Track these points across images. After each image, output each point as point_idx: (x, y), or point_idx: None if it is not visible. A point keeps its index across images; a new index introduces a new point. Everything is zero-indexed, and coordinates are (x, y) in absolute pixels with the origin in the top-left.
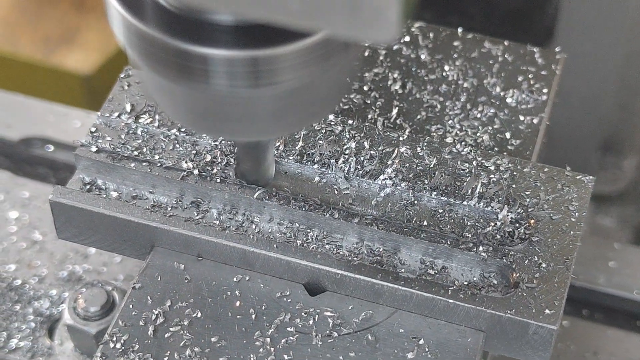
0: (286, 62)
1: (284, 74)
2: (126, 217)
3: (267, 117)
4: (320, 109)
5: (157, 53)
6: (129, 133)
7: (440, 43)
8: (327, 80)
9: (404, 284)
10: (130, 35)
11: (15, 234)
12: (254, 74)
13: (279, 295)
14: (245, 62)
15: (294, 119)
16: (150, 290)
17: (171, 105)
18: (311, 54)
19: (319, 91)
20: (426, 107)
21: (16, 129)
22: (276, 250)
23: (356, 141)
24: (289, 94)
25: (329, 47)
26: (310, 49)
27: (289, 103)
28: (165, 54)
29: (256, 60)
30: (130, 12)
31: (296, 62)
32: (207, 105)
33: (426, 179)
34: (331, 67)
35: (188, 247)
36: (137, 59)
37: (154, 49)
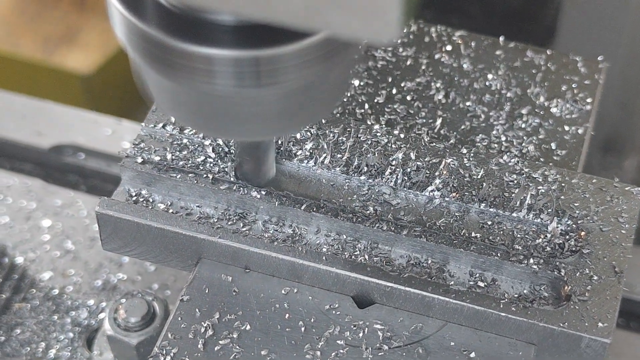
0: (287, 62)
1: (285, 74)
2: (174, 229)
3: (268, 117)
4: (322, 109)
5: (158, 53)
6: (174, 144)
7: (482, 52)
8: (329, 79)
9: (455, 297)
10: (131, 36)
11: (48, 243)
12: (255, 74)
13: (328, 307)
14: (246, 62)
15: (295, 119)
16: (199, 302)
17: (172, 105)
18: (312, 53)
19: (321, 91)
20: (470, 117)
21: (47, 137)
22: (325, 262)
23: (402, 152)
24: (290, 93)
25: (330, 46)
26: (311, 49)
27: (290, 103)
28: (166, 54)
29: (257, 60)
30: (132, 12)
31: (297, 62)
32: (208, 105)
33: (474, 190)
34: (332, 67)
35: (236, 259)
36: (138, 59)
37: (155, 49)
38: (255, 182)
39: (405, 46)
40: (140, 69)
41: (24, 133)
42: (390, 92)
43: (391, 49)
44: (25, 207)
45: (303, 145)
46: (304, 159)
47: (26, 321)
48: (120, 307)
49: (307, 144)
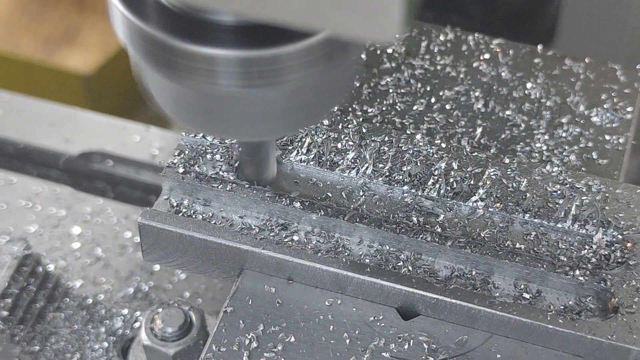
0: (289, 62)
1: (287, 74)
2: (217, 239)
3: (268, 118)
4: (323, 109)
5: (158, 53)
6: (215, 153)
7: (521, 60)
8: (330, 79)
9: (501, 309)
10: (132, 36)
11: (78, 251)
12: (256, 74)
13: (372, 319)
14: (247, 62)
15: (295, 119)
16: (242, 314)
17: (173, 106)
18: (313, 53)
19: (322, 91)
20: (510, 126)
21: (75, 144)
22: (370, 273)
23: (445, 162)
24: (292, 94)
25: (331, 46)
26: (312, 49)
27: (291, 103)
28: (167, 54)
29: (259, 60)
30: (132, 12)
31: (299, 62)
32: (208, 105)
33: (518, 200)
34: (334, 67)
35: (279, 270)
36: (138, 59)
37: (155, 48)
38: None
39: (442, 54)
40: (140, 69)
41: (52, 140)
42: (429, 100)
43: (429, 58)
44: (54, 215)
45: (345, 155)
46: (346, 169)
47: (60, 330)
48: (156, 317)
49: (349, 154)
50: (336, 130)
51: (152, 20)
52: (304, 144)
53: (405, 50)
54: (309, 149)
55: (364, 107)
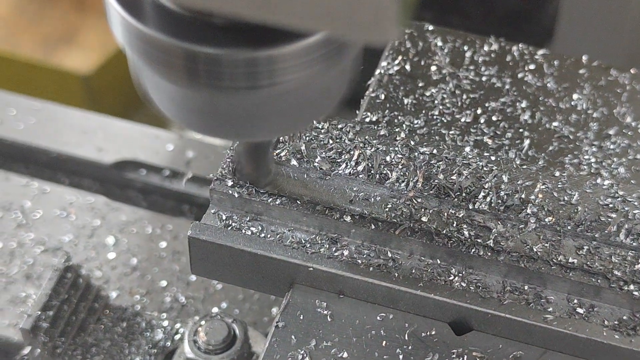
0: (286, 63)
1: (284, 75)
2: (267, 254)
3: (268, 118)
4: (323, 108)
5: (156, 54)
6: None
7: (566, 71)
8: (328, 80)
9: (557, 324)
10: (130, 37)
11: (114, 261)
12: (253, 74)
13: (425, 334)
14: (245, 63)
15: (295, 119)
16: (294, 329)
17: (171, 106)
18: (311, 54)
19: (322, 90)
20: (557, 138)
21: (108, 153)
22: (422, 288)
23: (495, 175)
24: (289, 94)
25: (328, 47)
26: (310, 49)
27: (289, 104)
28: (165, 55)
29: (256, 60)
30: (129, 12)
31: (296, 62)
32: (207, 106)
33: (569, 214)
34: (331, 67)
35: (330, 284)
36: (136, 60)
37: (153, 49)
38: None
39: (487, 65)
40: (138, 70)
41: (84, 149)
42: (475, 112)
43: (473, 68)
44: (89, 224)
45: (394, 168)
46: (396, 182)
47: (101, 343)
48: (200, 329)
49: (398, 167)
50: (385, 143)
51: (149, 21)
52: (353, 157)
53: (450, 60)
54: (358, 162)
55: (409, 119)
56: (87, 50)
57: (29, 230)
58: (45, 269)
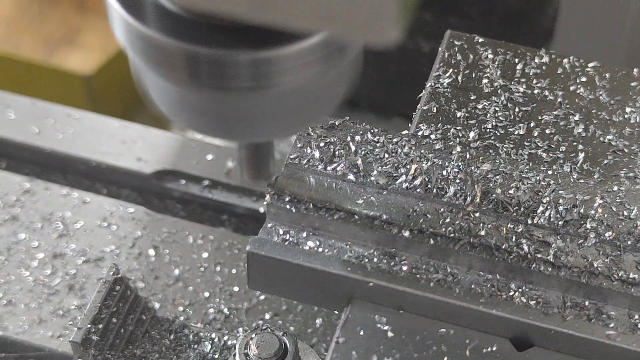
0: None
1: (285, 76)
2: (326, 269)
3: (270, 119)
4: (322, 110)
5: (158, 55)
6: (320, 180)
7: (617, 83)
8: (328, 80)
9: (620, 341)
10: (130, 37)
11: (156, 271)
12: (254, 75)
13: (486, 350)
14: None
15: (298, 120)
16: (354, 344)
17: (172, 107)
18: (311, 55)
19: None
20: (612, 151)
21: (147, 163)
22: (484, 304)
23: (552, 189)
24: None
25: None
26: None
27: (290, 104)
28: (166, 56)
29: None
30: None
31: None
32: (207, 106)
33: (629, 229)
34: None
35: (389, 300)
36: (138, 61)
37: (155, 50)
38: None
39: (538, 78)
40: (140, 71)
41: (124, 159)
42: (528, 125)
43: (525, 81)
44: (130, 235)
45: (451, 182)
46: (453, 197)
47: (149, 355)
48: (251, 342)
49: (455, 182)
50: (441, 157)
51: (150, 22)
52: (410, 171)
53: (501, 73)
54: (414, 176)
55: (462, 132)
56: (88, 51)
57: (70, 241)
58: (87, 280)
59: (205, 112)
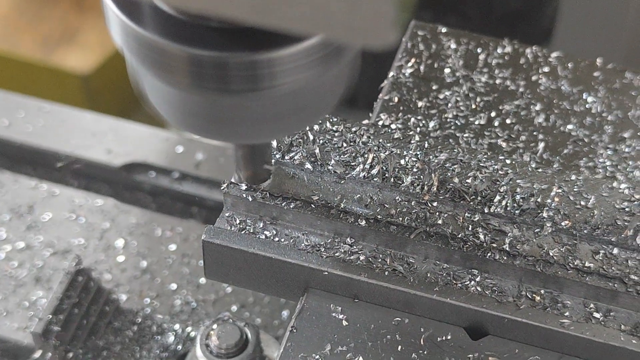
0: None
1: (282, 77)
2: (283, 258)
3: (265, 120)
4: (320, 110)
5: (155, 57)
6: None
7: (580, 73)
8: (326, 81)
9: (574, 329)
10: (127, 39)
11: (124, 263)
12: (251, 77)
13: (441, 339)
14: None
15: (295, 121)
16: (309, 333)
17: (169, 109)
18: (309, 56)
19: (318, 93)
20: (572, 141)
21: (117, 155)
22: (438, 293)
23: (510, 178)
24: (287, 96)
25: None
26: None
27: (287, 106)
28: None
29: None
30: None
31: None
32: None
33: (586, 218)
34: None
35: (345, 289)
36: (135, 62)
37: (152, 52)
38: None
39: (501, 68)
40: (137, 72)
41: (94, 151)
42: (489, 115)
43: (487, 71)
44: (98, 227)
45: (409, 171)
46: (410, 185)
47: (112, 346)
48: (212, 333)
49: (413, 171)
50: (399, 146)
51: (147, 24)
52: (368, 160)
53: (463, 63)
54: (372, 166)
55: (423, 122)
56: (86, 50)
57: (38, 233)
58: (54, 272)
59: (202, 114)
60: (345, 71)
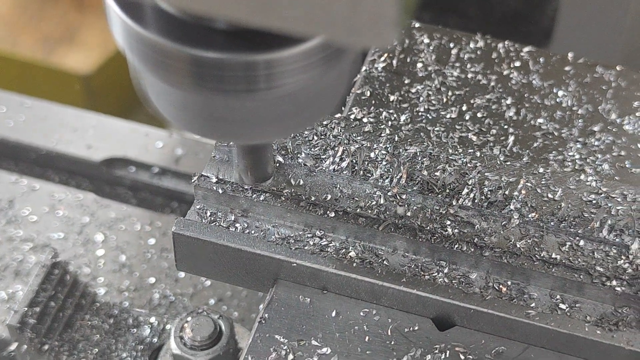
0: (285, 67)
1: (283, 78)
2: (252, 249)
3: (265, 121)
4: (323, 110)
5: (156, 57)
6: None
7: (551, 68)
8: (327, 82)
9: (539, 320)
10: (128, 39)
11: (103, 257)
12: (253, 78)
13: (408, 330)
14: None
15: (296, 121)
16: (277, 324)
17: (170, 109)
18: (310, 57)
19: (322, 92)
20: (542, 135)
21: (98, 150)
22: (405, 284)
23: (478, 171)
24: (288, 97)
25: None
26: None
27: (288, 107)
28: (163, 58)
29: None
30: (129, 15)
31: (296, 66)
32: (206, 109)
33: (553, 210)
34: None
35: (313, 280)
36: (136, 63)
37: (151, 52)
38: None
39: (473, 62)
40: (137, 72)
41: (75, 146)
42: (460, 109)
43: (459, 65)
44: (78, 221)
45: (378, 164)
46: (380, 178)
47: (88, 339)
48: (186, 325)
49: (382, 164)
50: (369, 139)
51: (149, 25)
52: (337, 153)
53: (436, 58)
54: (342, 158)
55: (394, 115)
56: (87, 50)
57: (18, 227)
58: (34, 266)
59: (203, 115)
60: (346, 71)
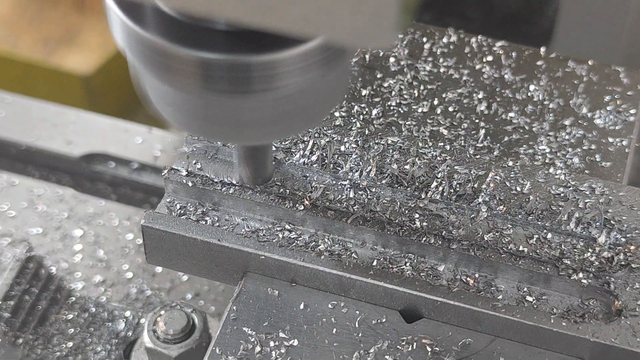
0: (285, 68)
1: (283, 80)
2: (220, 242)
3: (265, 122)
4: (323, 111)
5: (157, 58)
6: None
7: (524, 62)
8: (327, 83)
9: (505, 312)
10: (129, 40)
11: (80, 252)
12: (252, 79)
13: (376, 322)
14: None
15: (296, 122)
16: (245, 316)
17: (170, 110)
18: (309, 59)
19: (321, 93)
20: (513, 128)
21: (77, 146)
22: (373, 276)
23: (448, 164)
24: (288, 98)
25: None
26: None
27: (288, 108)
28: (165, 59)
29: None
30: (129, 17)
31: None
32: (206, 109)
33: (521, 203)
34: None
35: (282, 273)
36: (137, 64)
37: (154, 54)
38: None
39: (445, 57)
40: (138, 73)
41: (54, 142)
42: (432, 103)
43: (432, 60)
44: (56, 216)
45: (348, 158)
46: (349, 171)
47: (63, 333)
48: (159, 319)
49: (352, 157)
50: (340, 133)
51: (149, 26)
52: (308, 147)
53: (408, 52)
54: (312, 152)
55: (366, 109)
56: (87, 51)
57: None
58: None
59: (203, 115)
60: (346, 71)
